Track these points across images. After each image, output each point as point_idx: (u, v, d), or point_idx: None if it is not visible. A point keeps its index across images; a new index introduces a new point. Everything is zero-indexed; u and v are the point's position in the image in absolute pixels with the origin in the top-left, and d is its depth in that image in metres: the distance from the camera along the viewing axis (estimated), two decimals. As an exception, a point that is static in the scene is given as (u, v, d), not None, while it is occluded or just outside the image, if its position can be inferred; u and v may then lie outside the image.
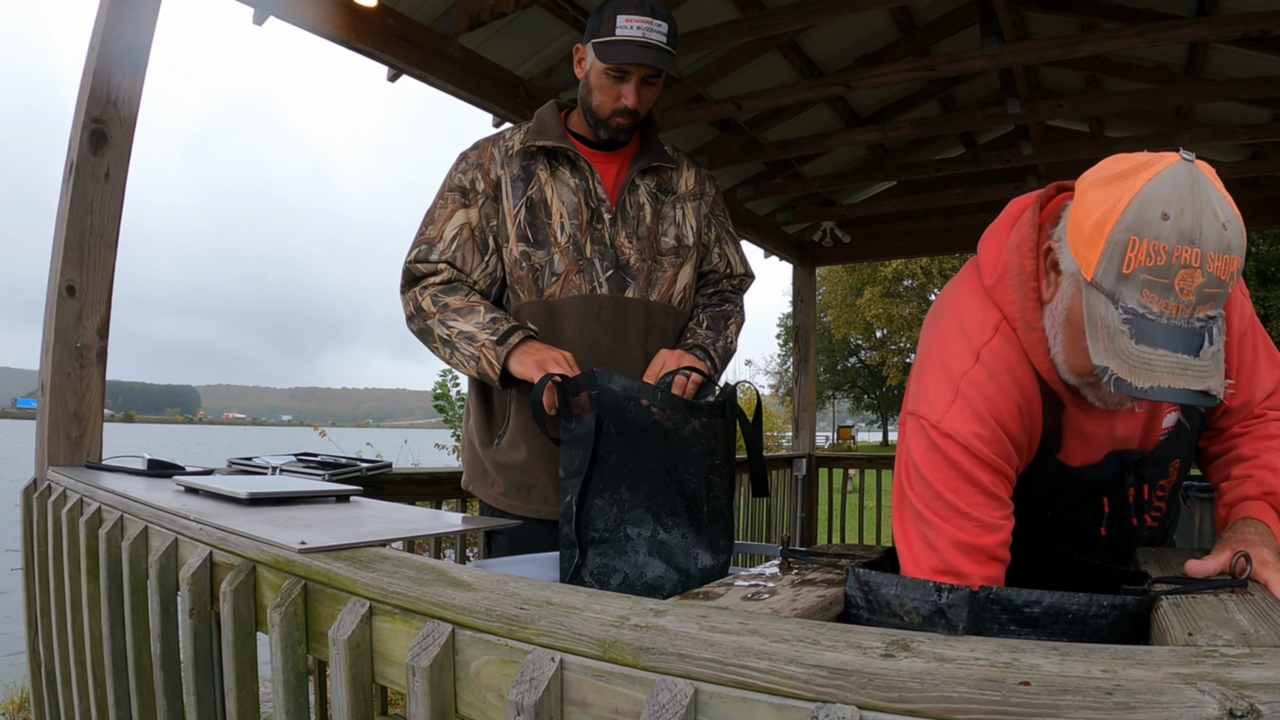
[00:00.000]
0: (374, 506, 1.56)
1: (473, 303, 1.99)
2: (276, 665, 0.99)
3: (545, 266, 2.01)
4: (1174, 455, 1.57)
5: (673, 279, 2.13)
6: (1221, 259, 1.14)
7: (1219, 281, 1.15)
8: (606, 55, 1.94)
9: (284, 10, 3.01)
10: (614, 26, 1.93)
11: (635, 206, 2.09)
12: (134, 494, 1.55)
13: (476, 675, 0.77)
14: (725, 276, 2.29)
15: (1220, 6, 3.80)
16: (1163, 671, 0.57)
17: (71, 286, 2.20)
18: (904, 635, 0.67)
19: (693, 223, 2.17)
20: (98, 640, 1.59)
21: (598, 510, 1.79)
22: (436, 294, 2.01)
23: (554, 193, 2.04)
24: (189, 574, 1.19)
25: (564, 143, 2.03)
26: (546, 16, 3.83)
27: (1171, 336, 1.16)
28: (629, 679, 0.67)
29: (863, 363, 39.36)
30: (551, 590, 0.82)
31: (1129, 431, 1.50)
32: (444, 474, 2.91)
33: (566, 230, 2.02)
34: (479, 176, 2.06)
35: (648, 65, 1.94)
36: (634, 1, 1.94)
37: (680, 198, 2.17)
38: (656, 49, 1.94)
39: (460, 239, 2.03)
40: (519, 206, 2.02)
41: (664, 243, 2.12)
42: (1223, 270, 1.15)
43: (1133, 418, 1.48)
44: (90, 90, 2.23)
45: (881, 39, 4.74)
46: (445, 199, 2.07)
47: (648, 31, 1.92)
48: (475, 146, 2.12)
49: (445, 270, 2.02)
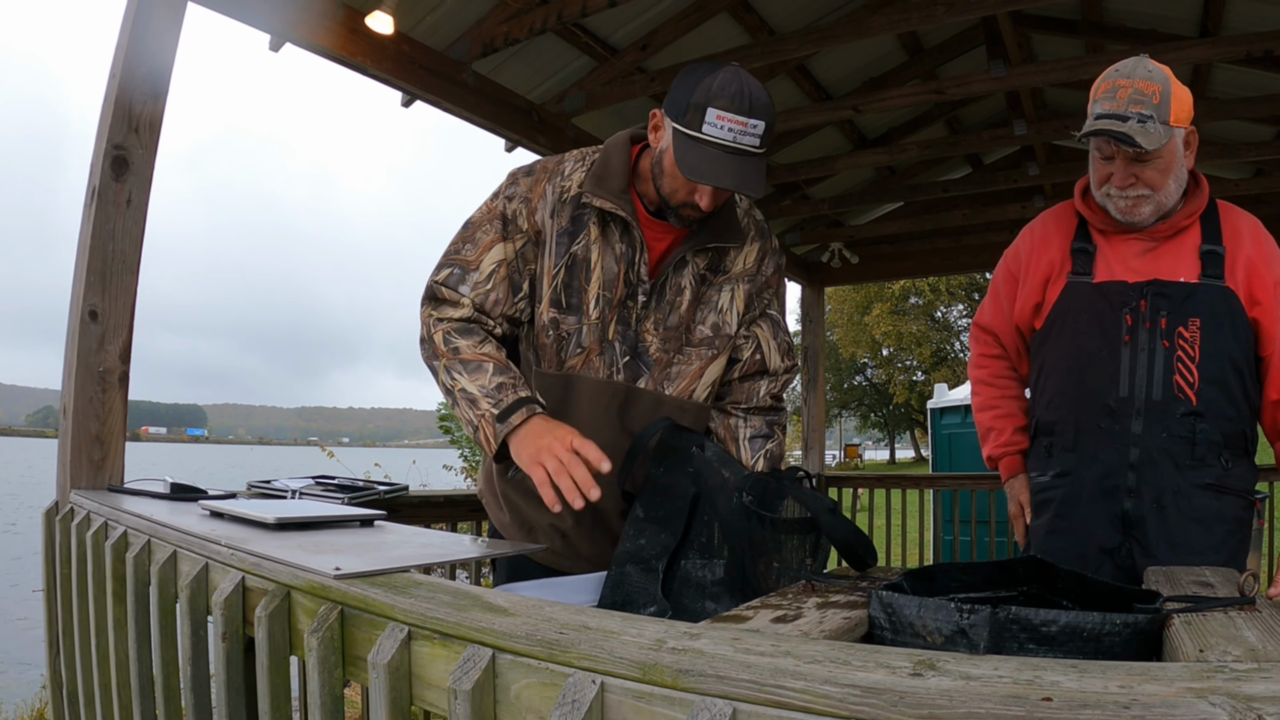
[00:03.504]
0: (399, 531, 1.58)
1: (483, 355, 1.78)
2: (313, 689, 1.01)
3: (572, 336, 1.84)
4: (1194, 312, 1.84)
5: (698, 372, 1.91)
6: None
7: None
8: (684, 163, 1.66)
9: (300, 37, 3.06)
10: (701, 119, 1.63)
11: (674, 290, 1.86)
12: (160, 518, 1.57)
13: (517, 698, 0.78)
14: (758, 373, 1.99)
15: (1223, 27, 3.84)
16: (1176, 686, 0.59)
17: (94, 311, 2.23)
18: (930, 655, 0.69)
19: (739, 307, 1.92)
20: (124, 662, 1.61)
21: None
22: (449, 333, 1.82)
23: (598, 255, 1.82)
24: (221, 599, 1.21)
25: (623, 207, 1.78)
26: (559, 43, 3.88)
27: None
28: (669, 700, 0.69)
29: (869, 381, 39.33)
30: (587, 615, 0.84)
31: (1145, 269, 1.90)
32: (459, 497, 2.93)
33: (599, 304, 1.83)
34: (523, 212, 1.83)
35: (729, 189, 1.69)
36: (732, 92, 1.64)
37: (732, 278, 1.91)
38: (744, 158, 1.65)
39: (496, 277, 1.83)
40: (559, 266, 1.82)
41: (698, 333, 1.89)
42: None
43: (1146, 260, 1.91)
44: (112, 117, 2.27)
45: (889, 62, 4.79)
46: (488, 223, 1.85)
47: (739, 135, 1.64)
48: (530, 172, 1.87)
49: (467, 308, 1.82)
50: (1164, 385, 1.86)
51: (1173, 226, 1.91)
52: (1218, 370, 1.84)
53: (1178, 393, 1.85)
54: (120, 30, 2.35)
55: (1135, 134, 1.76)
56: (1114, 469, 1.91)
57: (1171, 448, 1.86)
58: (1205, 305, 1.86)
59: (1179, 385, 1.85)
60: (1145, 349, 1.87)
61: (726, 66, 1.67)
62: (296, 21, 3.01)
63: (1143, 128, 1.77)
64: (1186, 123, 1.85)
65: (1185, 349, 1.84)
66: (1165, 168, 1.84)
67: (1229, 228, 1.91)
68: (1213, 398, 1.84)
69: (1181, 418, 1.85)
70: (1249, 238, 1.89)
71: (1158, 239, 1.92)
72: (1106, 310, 1.93)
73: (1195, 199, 1.93)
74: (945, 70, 4.85)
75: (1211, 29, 3.85)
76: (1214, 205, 1.95)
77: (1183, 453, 1.86)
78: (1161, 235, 1.92)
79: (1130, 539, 1.90)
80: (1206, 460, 1.85)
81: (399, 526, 1.66)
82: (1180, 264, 1.89)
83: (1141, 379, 1.88)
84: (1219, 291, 1.86)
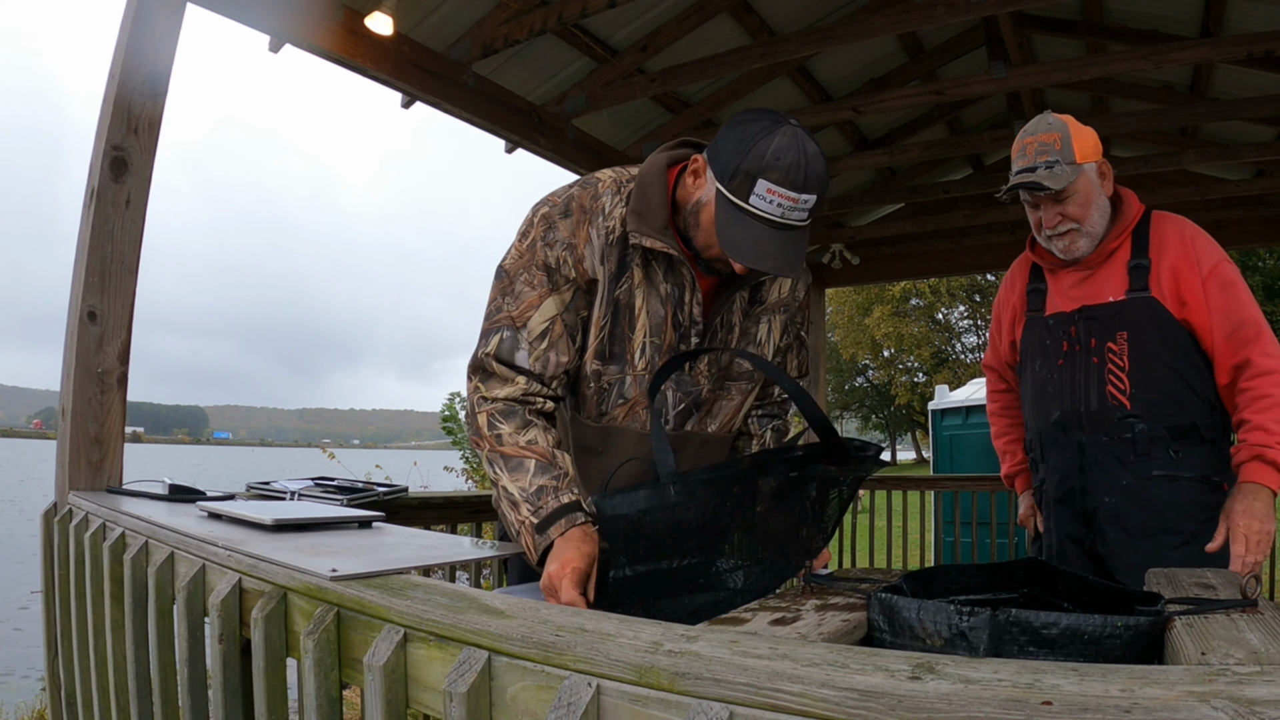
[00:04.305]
0: (397, 533, 1.58)
1: (525, 450, 1.60)
2: (309, 691, 1.00)
3: (614, 386, 1.70)
4: (1121, 326, 2.06)
5: (738, 407, 1.83)
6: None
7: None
8: (725, 236, 1.52)
9: (299, 38, 3.06)
10: (750, 190, 1.49)
11: (725, 327, 1.75)
12: (158, 519, 1.57)
13: (513, 700, 0.78)
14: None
15: (1224, 28, 3.84)
16: (1178, 690, 0.58)
17: (93, 312, 2.23)
18: (929, 658, 0.68)
19: (776, 337, 1.83)
20: (121, 664, 1.60)
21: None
22: (494, 415, 1.63)
23: (642, 299, 1.66)
24: (218, 600, 1.20)
25: (671, 245, 1.61)
26: (559, 44, 3.88)
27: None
28: (665, 703, 0.68)
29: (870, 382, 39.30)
30: (584, 617, 0.84)
31: (1080, 295, 2.14)
32: (459, 498, 2.92)
33: (646, 354, 1.68)
34: (570, 261, 1.64)
35: (769, 272, 1.56)
36: (788, 164, 1.47)
37: (769, 308, 1.81)
38: (790, 233, 1.52)
39: (552, 335, 1.64)
40: (606, 314, 1.66)
41: (738, 366, 1.79)
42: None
43: (1082, 288, 2.13)
44: (111, 117, 2.27)
45: (889, 63, 4.79)
46: (527, 272, 1.64)
47: (789, 211, 1.49)
48: (567, 213, 1.66)
49: (520, 384, 1.63)
50: (1099, 396, 2.09)
51: (1102, 252, 2.12)
52: (1149, 374, 2.05)
53: (1111, 400, 2.08)
54: (120, 31, 2.35)
55: (1043, 179, 2.04)
56: (1067, 474, 2.18)
57: (1114, 449, 2.09)
58: (1130, 318, 2.07)
59: (1111, 394, 2.08)
60: (1081, 368, 2.12)
61: (784, 127, 1.50)
62: (296, 22, 3.01)
63: (1050, 172, 2.04)
64: (1095, 157, 2.08)
65: (1115, 360, 2.07)
66: (1084, 201, 2.08)
67: (1155, 238, 2.09)
68: (1148, 399, 2.05)
69: (1119, 421, 2.07)
70: (1173, 244, 2.06)
71: (1091, 266, 2.14)
72: (1049, 339, 2.21)
73: (1121, 219, 2.12)
74: (946, 71, 4.85)
75: (1212, 29, 3.85)
76: (1146, 219, 2.13)
77: (1125, 451, 2.07)
78: (1094, 262, 2.14)
79: (1092, 532, 2.15)
80: (1152, 454, 2.06)
81: (397, 528, 1.65)
82: (1109, 284, 2.11)
83: (1080, 394, 2.12)
84: (1144, 302, 2.06)
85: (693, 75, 3.93)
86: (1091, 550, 2.15)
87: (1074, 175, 2.03)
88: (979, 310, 34.94)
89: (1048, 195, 2.07)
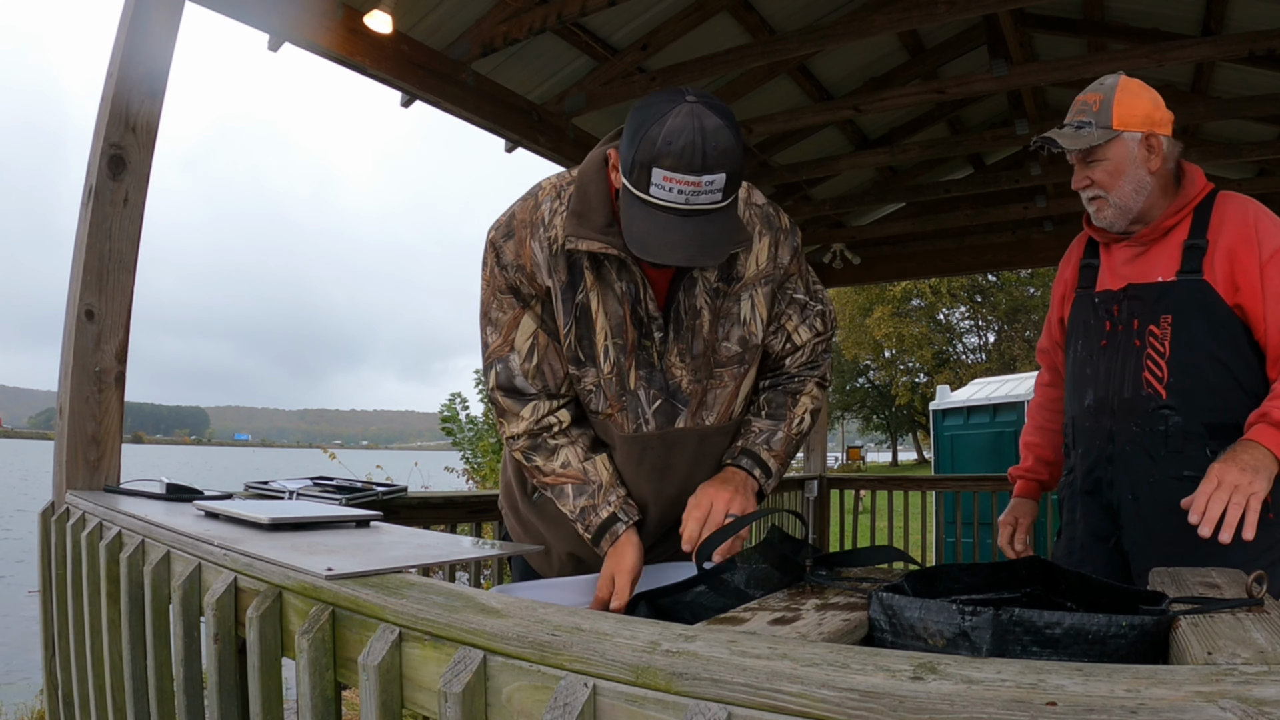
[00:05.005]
0: (395, 532, 1.57)
1: (560, 476, 1.68)
2: (304, 690, 0.99)
3: (594, 393, 1.69)
4: (1165, 310, 1.91)
5: (734, 392, 1.75)
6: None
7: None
8: (630, 233, 1.46)
9: (298, 37, 3.05)
10: (648, 180, 1.41)
11: (690, 314, 1.66)
12: (154, 518, 1.56)
13: (508, 701, 0.77)
14: (789, 353, 1.81)
15: (1226, 26, 3.83)
16: (1184, 690, 0.58)
17: (90, 311, 2.22)
18: (931, 658, 0.67)
19: (763, 313, 1.72)
20: (118, 664, 1.59)
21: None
22: (526, 451, 1.71)
23: (599, 302, 1.63)
24: (213, 599, 1.19)
25: (613, 243, 1.55)
26: (558, 42, 3.87)
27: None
28: (662, 704, 0.67)
29: (871, 383, 39.29)
30: (580, 616, 0.83)
31: (1129, 274, 1.99)
32: (458, 498, 2.92)
33: (610, 356, 1.65)
34: (523, 280, 1.64)
35: (680, 265, 1.50)
36: (680, 146, 1.38)
37: (748, 283, 1.69)
38: (703, 218, 1.43)
39: (539, 348, 1.66)
40: (569, 323, 1.64)
41: (725, 350, 1.70)
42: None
43: (1132, 265, 1.99)
44: (109, 115, 2.26)
45: (890, 62, 4.78)
46: (497, 299, 1.67)
47: (693, 195, 1.40)
48: (510, 234, 1.65)
49: (526, 420, 1.68)
50: (1134, 383, 1.94)
51: (1157, 229, 1.97)
52: (1190, 364, 1.89)
53: (1146, 388, 1.93)
54: (118, 30, 2.34)
55: (1059, 137, 1.94)
56: (1096, 464, 2.03)
57: (1145, 442, 1.93)
58: (1176, 301, 1.91)
59: (1147, 381, 1.93)
60: (1120, 351, 1.98)
61: (679, 106, 1.41)
62: (295, 21, 3.00)
63: (1076, 132, 1.93)
64: (1142, 127, 1.92)
65: (1155, 345, 1.92)
66: (1114, 169, 1.94)
67: (1216, 218, 1.92)
68: (1186, 390, 1.89)
69: (1153, 412, 1.92)
70: (1233, 223, 1.89)
71: (1145, 242, 2.00)
72: (1093, 318, 2.07)
73: (1181, 196, 1.97)
74: (947, 70, 4.84)
75: (1214, 28, 3.84)
76: (1211, 198, 1.97)
77: (1157, 445, 1.91)
78: (1148, 238, 1.99)
79: (1117, 528, 2.00)
80: (1185, 452, 1.88)
81: (395, 527, 1.65)
82: (1160, 263, 1.96)
83: (1115, 379, 1.98)
84: (1194, 285, 1.90)
85: (693, 74, 3.93)
86: (1117, 546, 2.00)
87: (1102, 140, 1.91)
88: (980, 311, 34.94)
89: (1077, 156, 1.96)
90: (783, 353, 1.80)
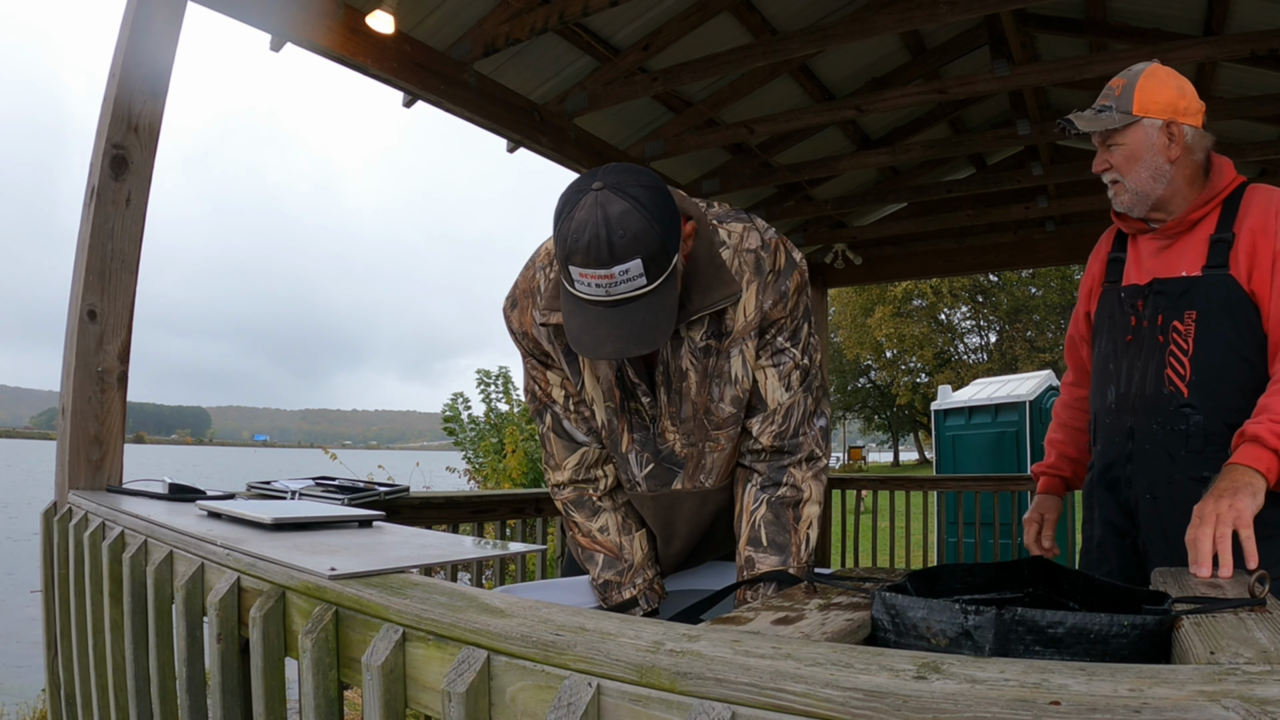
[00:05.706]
0: (397, 532, 1.57)
1: (595, 544, 1.74)
2: (307, 690, 0.99)
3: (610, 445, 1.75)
4: (1190, 305, 1.86)
5: (732, 455, 1.70)
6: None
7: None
8: (568, 329, 1.44)
9: (300, 37, 3.05)
10: (570, 275, 1.38)
11: (677, 375, 1.59)
12: (157, 518, 1.56)
13: (512, 700, 0.77)
14: (758, 414, 1.66)
15: (1227, 26, 3.82)
16: (1187, 690, 0.58)
17: (93, 311, 2.22)
18: (934, 657, 0.67)
19: (752, 365, 1.64)
20: (120, 664, 1.59)
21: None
22: (567, 505, 1.78)
23: (590, 366, 1.64)
24: (216, 599, 1.19)
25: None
26: (560, 43, 3.87)
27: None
28: (666, 703, 0.67)
29: (873, 383, 39.30)
30: (584, 616, 0.83)
31: (1155, 268, 1.96)
32: (461, 498, 2.92)
33: (604, 417, 1.67)
34: (533, 348, 1.70)
35: (612, 358, 1.46)
36: (585, 243, 1.33)
37: (737, 339, 1.59)
38: (632, 305, 1.38)
39: (572, 399, 1.71)
40: (578, 382, 1.67)
41: (719, 411, 1.63)
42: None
43: (1159, 259, 1.96)
44: (111, 116, 2.26)
45: (892, 62, 4.78)
46: (530, 361, 1.74)
47: (612, 287, 1.35)
48: (514, 304, 1.69)
49: (568, 470, 1.74)
50: (1155, 380, 1.90)
51: (1184, 221, 1.93)
52: (1214, 361, 1.84)
53: (1168, 386, 1.88)
54: (120, 30, 2.35)
55: (1076, 119, 1.95)
56: (1115, 461, 2.00)
57: (1165, 440, 1.89)
58: (1201, 296, 1.87)
59: (1169, 379, 1.88)
60: (1144, 347, 1.94)
61: (585, 197, 1.36)
62: (297, 21, 3.00)
63: (1096, 115, 1.93)
64: (1164, 114, 1.89)
65: (1179, 342, 1.88)
66: (1130, 154, 1.92)
67: (1244, 210, 1.88)
68: (1209, 388, 1.84)
69: (1174, 411, 1.87)
70: (1256, 212, 1.86)
71: (1171, 235, 1.96)
72: (1118, 313, 2.02)
73: (1209, 188, 1.93)
74: (949, 70, 4.84)
75: (1215, 28, 3.83)
76: (1241, 190, 1.93)
77: (1177, 445, 1.87)
78: (1174, 231, 1.95)
79: (1135, 526, 1.96)
80: (1205, 452, 1.83)
81: (397, 527, 1.65)
82: (1186, 257, 1.92)
83: (1138, 376, 1.94)
84: (1220, 280, 1.85)
85: (694, 74, 3.93)
86: (1134, 543, 1.97)
87: (1119, 124, 1.91)
88: (981, 311, 34.93)
89: (1097, 137, 1.96)
90: (755, 409, 1.66)
